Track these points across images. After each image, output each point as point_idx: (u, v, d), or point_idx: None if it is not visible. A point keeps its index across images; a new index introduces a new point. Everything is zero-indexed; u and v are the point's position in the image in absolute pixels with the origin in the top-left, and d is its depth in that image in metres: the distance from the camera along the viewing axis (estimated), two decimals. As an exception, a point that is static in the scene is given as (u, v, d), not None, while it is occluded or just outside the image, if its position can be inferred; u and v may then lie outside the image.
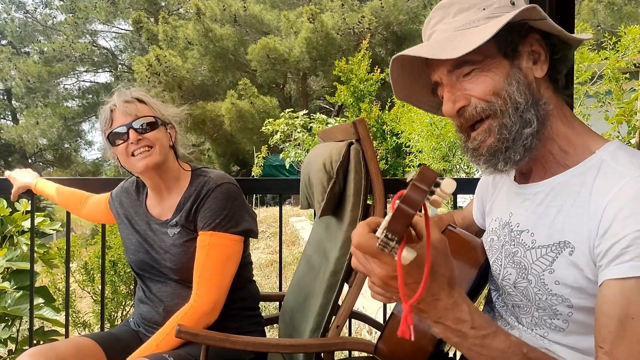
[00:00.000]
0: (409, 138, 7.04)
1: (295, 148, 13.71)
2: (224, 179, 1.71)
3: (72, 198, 2.11)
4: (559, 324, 1.01)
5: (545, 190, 1.04)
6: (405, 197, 0.70)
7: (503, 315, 1.15)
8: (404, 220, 0.70)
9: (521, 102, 0.99)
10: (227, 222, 1.64)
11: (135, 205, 1.84)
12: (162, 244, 1.71)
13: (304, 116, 13.72)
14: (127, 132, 1.65)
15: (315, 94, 23.70)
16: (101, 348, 1.65)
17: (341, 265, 1.58)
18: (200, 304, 1.58)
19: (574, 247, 0.95)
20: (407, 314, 0.74)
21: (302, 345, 1.52)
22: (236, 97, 18.33)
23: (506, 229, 1.12)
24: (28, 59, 27.15)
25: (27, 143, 25.50)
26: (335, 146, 1.65)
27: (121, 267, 6.88)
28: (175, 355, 1.51)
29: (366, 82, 10.39)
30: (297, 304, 1.80)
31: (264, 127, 14.20)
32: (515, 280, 1.06)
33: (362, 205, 1.56)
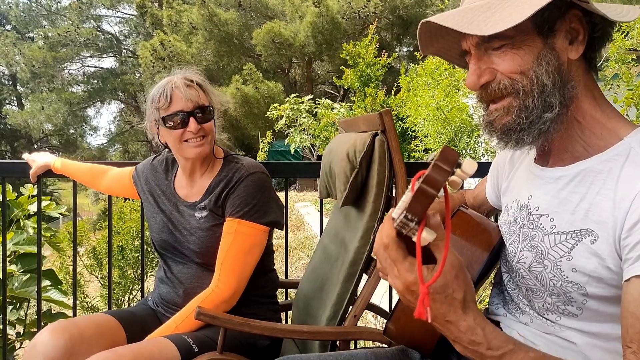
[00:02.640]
0: (414, 123, 7.02)
1: (301, 133, 13.67)
2: (257, 168, 1.71)
3: (91, 172, 2.11)
4: (573, 310, 1.00)
5: (569, 175, 1.00)
6: (427, 177, 0.69)
7: (514, 299, 1.14)
8: (425, 201, 0.69)
9: (548, 85, 0.94)
10: (256, 212, 1.65)
11: (163, 185, 1.84)
12: (187, 225, 1.72)
13: (309, 101, 13.66)
14: (188, 120, 1.65)
15: (320, 79, 23.60)
16: (120, 325, 1.66)
17: (361, 255, 1.58)
18: (222, 290, 1.60)
19: (598, 236, 0.93)
20: (425, 296, 0.74)
21: (320, 332, 1.54)
22: (241, 82, 18.27)
23: (524, 211, 1.09)
24: (33, 44, 27.07)
25: (33, 128, 25.54)
26: (359, 136, 1.64)
27: (129, 252, 6.93)
28: (194, 337, 1.54)
29: (373, 67, 10.33)
30: (313, 292, 1.81)
31: (269, 112, 14.15)
32: (531, 264, 1.04)
33: (384, 197, 1.57)
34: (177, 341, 1.50)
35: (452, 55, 1.16)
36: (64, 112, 26.16)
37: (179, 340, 1.50)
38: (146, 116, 1.75)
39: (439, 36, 1.09)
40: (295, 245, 8.20)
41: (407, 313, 1.17)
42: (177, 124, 1.65)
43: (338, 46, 19.06)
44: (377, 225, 1.58)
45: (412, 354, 1.18)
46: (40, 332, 1.53)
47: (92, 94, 28.15)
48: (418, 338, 1.17)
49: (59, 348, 1.48)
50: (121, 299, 5.40)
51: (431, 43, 1.11)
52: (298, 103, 13.66)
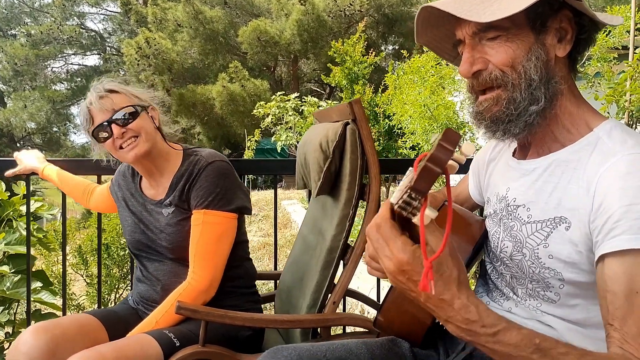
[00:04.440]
0: (400, 120, 7.05)
1: (287, 131, 13.66)
2: (215, 157, 1.71)
3: (77, 188, 2.12)
4: (551, 296, 1.05)
5: (542, 166, 1.06)
6: (432, 156, 0.73)
7: (499, 286, 1.18)
8: (430, 179, 0.73)
9: (535, 80, 1.00)
10: (220, 200, 1.65)
11: (131, 188, 1.86)
12: (157, 224, 1.73)
13: (295, 99, 13.65)
14: (110, 127, 1.65)
15: (306, 77, 23.60)
16: (102, 324, 1.67)
17: (337, 242, 1.61)
18: (198, 282, 1.61)
19: (571, 223, 0.98)
20: (428, 270, 0.76)
21: (300, 320, 1.56)
22: (227, 80, 18.21)
23: (503, 203, 1.14)
24: (15, 42, 26.78)
25: (15, 127, 25.27)
26: (331, 126, 1.67)
27: (114, 250, 6.89)
28: (175, 331, 1.54)
29: (360, 65, 10.36)
30: (294, 282, 1.83)
31: (255, 110, 14.11)
32: (512, 253, 1.09)
33: (357, 184, 1.59)
34: (159, 336, 1.50)
35: (442, 48, 1.20)
36: (47, 110, 25.91)
37: (160, 336, 1.51)
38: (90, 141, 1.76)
39: (434, 26, 1.14)
40: (282, 243, 8.20)
41: (396, 305, 1.20)
42: (103, 135, 1.67)
43: (324, 44, 19.09)
44: (352, 212, 1.61)
45: (401, 344, 1.21)
46: (23, 333, 1.53)
47: (76, 92, 27.90)
48: (407, 329, 1.19)
49: (41, 348, 1.48)
50: (107, 298, 5.37)
51: (425, 32, 1.16)
52: (284, 101, 13.64)
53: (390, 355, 1.15)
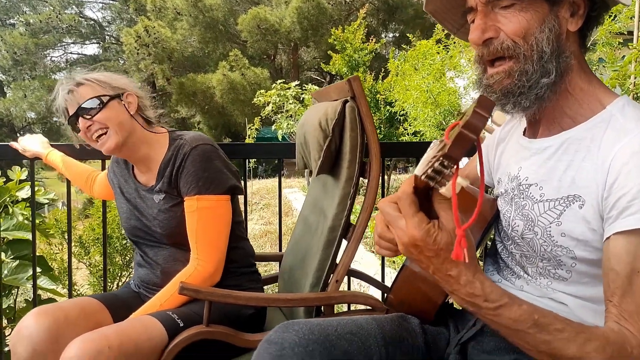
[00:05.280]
0: (402, 107, 7.02)
1: (288, 119, 13.63)
2: (199, 141, 1.67)
3: (81, 176, 2.12)
4: (563, 274, 1.04)
5: (555, 145, 1.05)
6: (467, 122, 0.72)
7: (509, 265, 1.18)
8: (465, 145, 0.73)
9: (546, 52, 0.99)
10: (211, 184, 1.63)
11: (125, 174, 1.85)
12: (150, 210, 1.72)
13: (296, 87, 13.61)
14: (77, 122, 1.64)
15: (306, 65, 23.54)
16: (106, 307, 1.66)
17: (339, 221, 1.60)
18: (204, 267, 1.60)
19: (585, 201, 0.97)
20: (461, 238, 0.79)
21: (303, 299, 1.55)
22: (228, 69, 18.17)
23: (514, 182, 1.13)
24: (14, 31, 26.66)
25: (16, 117, 25.23)
26: (330, 105, 1.65)
27: (116, 240, 6.89)
28: (178, 312, 1.54)
29: (361, 52, 10.31)
30: (296, 262, 1.82)
31: (256, 98, 14.08)
32: (523, 231, 1.09)
33: (358, 162, 1.58)
34: (162, 318, 1.50)
35: (448, 17, 1.19)
36: (47, 99, 25.81)
37: (163, 317, 1.50)
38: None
39: None
40: (283, 231, 8.19)
41: (408, 283, 1.20)
42: (74, 129, 1.67)
43: (324, 32, 19.01)
44: (353, 190, 1.60)
45: (411, 320, 1.21)
46: (25, 317, 1.52)
47: (76, 81, 27.77)
48: (419, 307, 1.20)
49: (44, 331, 1.47)
50: (110, 286, 5.39)
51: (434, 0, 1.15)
52: (284, 89, 13.60)
53: (400, 331, 1.15)
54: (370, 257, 6.00)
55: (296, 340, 0.98)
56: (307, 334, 1.00)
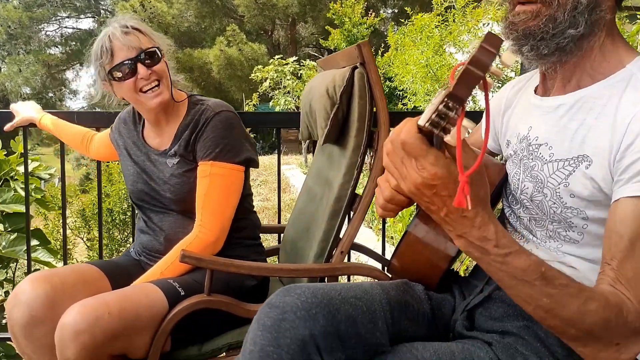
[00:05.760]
0: (402, 82, 6.96)
1: (285, 96, 13.54)
2: (222, 107, 1.66)
3: (76, 137, 2.08)
4: (574, 236, 1.02)
5: (568, 103, 1.01)
6: (473, 58, 0.67)
7: (517, 229, 1.15)
8: (471, 83, 0.67)
9: (583, 3, 0.94)
10: (228, 152, 1.61)
11: (133, 136, 1.81)
12: (160, 174, 1.69)
13: (293, 63, 13.49)
14: (135, 67, 1.59)
15: (304, 41, 23.30)
16: (104, 274, 1.64)
17: (345, 191, 1.57)
18: (206, 234, 1.58)
19: (592, 161, 0.94)
20: (464, 184, 0.72)
21: (307, 269, 1.53)
22: (225, 44, 17.98)
23: (524, 142, 1.10)
24: (7, 4, 26.21)
25: (11, 92, 24.95)
26: (338, 72, 1.60)
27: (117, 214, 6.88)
28: (180, 281, 1.52)
29: (360, 27, 10.22)
30: (299, 233, 1.80)
31: (253, 74, 13.97)
32: (532, 193, 1.06)
33: (366, 131, 1.54)
34: (163, 286, 1.48)
35: None
36: (42, 74, 25.58)
37: (165, 285, 1.48)
38: (95, 76, 1.70)
39: None
40: (281, 207, 8.18)
41: (412, 248, 1.17)
42: (126, 73, 1.60)
43: (322, 7, 18.78)
44: (361, 160, 1.56)
45: (415, 287, 1.18)
46: (21, 283, 1.50)
47: (71, 55, 27.49)
48: (422, 273, 1.17)
49: (40, 297, 1.45)
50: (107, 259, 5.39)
51: None
52: (282, 65, 13.48)
53: (405, 297, 1.12)
54: (368, 232, 6.00)
55: (298, 304, 0.94)
56: (309, 298, 0.96)
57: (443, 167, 0.77)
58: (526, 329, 1.05)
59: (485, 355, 1.02)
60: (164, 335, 1.41)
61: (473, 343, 1.07)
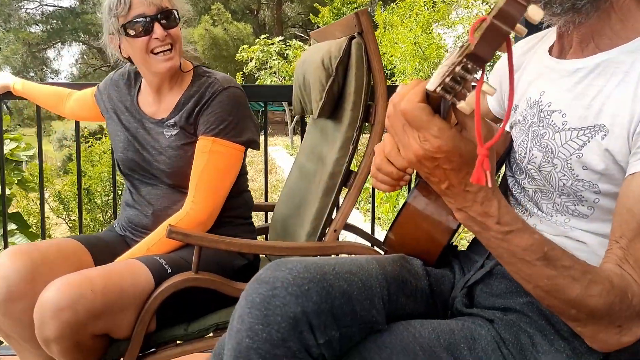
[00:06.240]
0: (390, 60, 6.91)
1: (271, 76, 13.44)
2: (231, 83, 1.60)
3: (54, 96, 1.99)
4: (583, 211, 0.96)
5: (588, 67, 0.94)
6: (501, 11, 0.56)
7: (521, 202, 1.10)
8: (497, 41, 0.58)
9: None
10: (232, 130, 1.54)
11: (126, 101, 1.72)
12: (155, 144, 1.61)
13: (279, 43, 13.36)
14: (152, 26, 1.51)
15: (290, 21, 23.05)
16: (87, 249, 1.57)
17: (339, 167, 1.52)
18: (197, 212, 1.52)
19: (608, 131, 0.88)
20: (484, 158, 0.64)
21: (299, 248, 1.48)
22: (210, 24, 17.73)
23: (535, 108, 1.03)
24: (-14, -19, 25.61)
25: (-10, 71, 24.49)
26: (334, 42, 1.54)
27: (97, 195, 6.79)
28: (167, 258, 1.46)
29: (349, 5, 10.15)
30: (290, 211, 1.75)
31: (239, 54, 13.83)
32: (540, 163, 1.00)
33: (363, 104, 1.48)
34: (149, 262, 1.42)
35: None
36: (22, 53, 25.09)
37: (150, 262, 1.43)
38: (104, 28, 1.60)
39: None
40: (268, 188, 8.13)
41: (410, 221, 1.11)
42: (140, 31, 1.51)
43: (309, -14, 18.52)
44: (357, 135, 1.51)
45: (413, 261, 1.13)
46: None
47: (52, 34, 26.98)
48: (421, 247, 1.12)
49: (20, 270, 1.38)
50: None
51: None
52: (268, 45, 13.36)
53: (402, 272, 1.07)
54: (356, 214, 5.97)
55: (289, 279, 0.88)
56: (302, 272, 0.89)
57: (447, 140, 0.71)
58: (530, 305, 1.00)
59: (487, 333, 0.98)
60: (149, 314, 1.36)
61: (474, 320, 1.02)
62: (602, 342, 0.83)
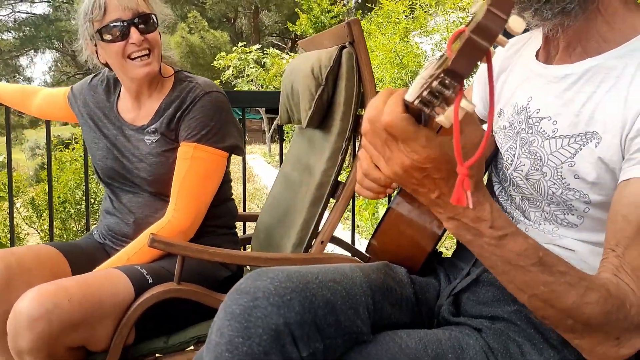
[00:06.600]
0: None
1: (249, 84, 13.40)
2: (213, 87, 1.57)
3: (21, 92, 1.93)
4: (572, 220, 0.95)
5: (577, 73, 0.93)
6: (479, 25, 0.53)
7: (507, 210, 1.08)
8: (476, 56, 0.54)
9: None
10: (214, 135, 1.51)
11: (104, 107, 1.68)
12: (136, 151, 1.58)
13: (257, 51, 13.34)
14: (128, 30, 1.47)
15: (267, 29, 23.06)
16: (64, 257, 1.53)
17: (328, 177, 1.50)
18: (178, 220, 1.48)
19: (601, 139, 0.87)
20: (464, 177, 0.61)
21: (285, 259, 1.45)
22: (187, 31, 17.63)
23: (523, 114, 1.01)
24: (-44, -14, 25.12)
25: (-40, 78, 23.96)
26: (325, 51, 1.53)
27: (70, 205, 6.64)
28: (148, 268, 1.42)
29: (327, 14, 10.20)
30: (275, 221, 1.72)
31: (216, 61, 13.77)
32: (528, 171, 0.98)
33: (352, 114, 1.47)
34: (129, 272, 1.38)
35: None
36: (-6, 60, 24.60)
37: (131, 271, 1.39)
38: (80, 34, 1.57)
39: None
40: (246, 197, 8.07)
41: (394, 227, 1.09)
42: (116, 36, 1.48)
43: (286, -5, 18.58)
44: (346, 145, 1.49)
45: (397, 269, 1.10)
46: None
47: (24, 41, 26.52)
48: (405, 254, 1.09)
49: None
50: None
51: None
52: (246, 53, 13.33)
53: (387, 280, 1.04)
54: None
55: (271, 289, 0.84)
56: (284, 282, 0.86)
57: (436, 148, 0.67)
58: (518, 313, 0.98)
59: (475, 342, 0.96)
60: (127, 326, 1.32)
61: (461, 330, 1.00)
62: (601, 355, 0.80)
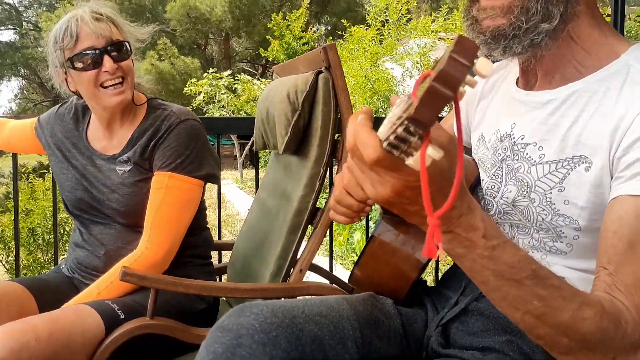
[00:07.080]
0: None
1: (220, 110, 13.37)
2: (188, 115, 1.53)
3: None
4: (561, 247, 0.93)
5: (559, 98, 0.92)
6: (441, 73, 0.51)
7: None
8: (438, 105, 0.52)
9: None
10: (189, 164, 1.47)
11: (73, 137, 1.62)
12: (107, 181, 1.52)
13: (228, 77, 13.36)
14: (101, 58, 1.43)
15: (238, 56, 23.16)
16: (30, 293, 1.46)
17: (306, 204, 1.47)
18: (152, 252, 1.42)
19: (592, 163, 0.86)
20: (435, 229, 0.57)
21: (263, 289, 1.41)
22: (156, 58, 17.57)
23: (507, 141, 1.00)
24: None
25: None
26: (300, 76, 1.51)
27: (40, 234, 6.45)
28: (119, 302, 1.35)
29: (299, 40, 10.31)
30: (251, 250, 1.68)
31: (187, 87, 13.75)
32: (515, 198, 0.97)
33: (330, 139, 1.46)
34: (100, 307, 1.31)
35: None
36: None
37: (101, 307, 1.32)
38: (49, 61, 1.52)
39: None
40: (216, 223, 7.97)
41: (377, 257, 1.06)
42: (88, 64, 1.43)
43: (256, 22, 18.76)
44: (323, 171, 1.48)
45: (384, 300, 1.08)
46: None
47: (-10, 68, 26.07)
48: (389, 284, 1.06)
49: None
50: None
51: None
52: (217, 79, 13.34)
53: (374, 312, 1.02)
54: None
55: (256, 325, 0.81)
56: (269, 317, 0.83)
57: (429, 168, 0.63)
58: (509, 344, 0.95)
59: None
60: (99, 365, 1.25)
61: (451, 362, 0.98)
62: None
